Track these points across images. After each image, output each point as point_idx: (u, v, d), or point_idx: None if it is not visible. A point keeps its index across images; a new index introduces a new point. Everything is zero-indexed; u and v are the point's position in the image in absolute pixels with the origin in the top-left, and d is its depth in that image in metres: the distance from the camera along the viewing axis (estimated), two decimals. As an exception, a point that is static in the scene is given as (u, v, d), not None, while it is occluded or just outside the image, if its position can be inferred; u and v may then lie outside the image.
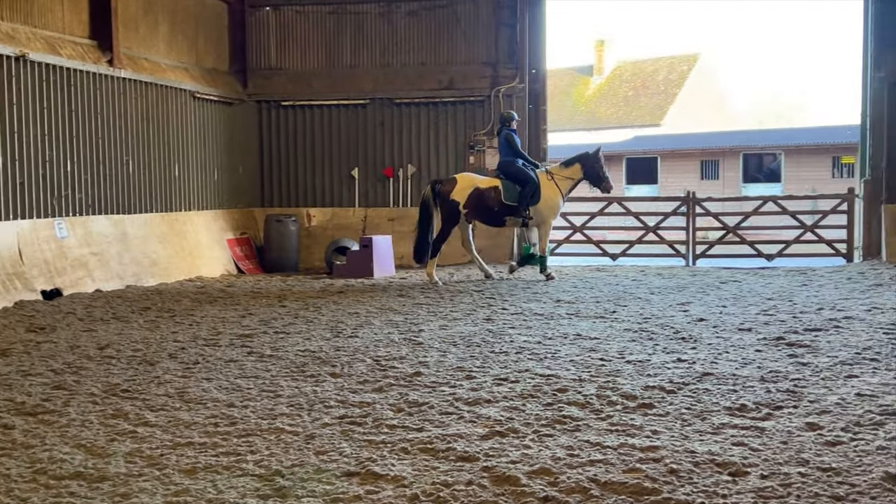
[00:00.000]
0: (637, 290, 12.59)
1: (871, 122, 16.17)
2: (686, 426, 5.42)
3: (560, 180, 14.23)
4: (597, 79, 54.41)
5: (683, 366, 7.14)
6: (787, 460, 4.74)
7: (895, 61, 15.84)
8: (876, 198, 16.06)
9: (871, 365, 7.11)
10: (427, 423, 5.52)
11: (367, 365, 7.38)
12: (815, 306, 10.53)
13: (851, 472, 4.53)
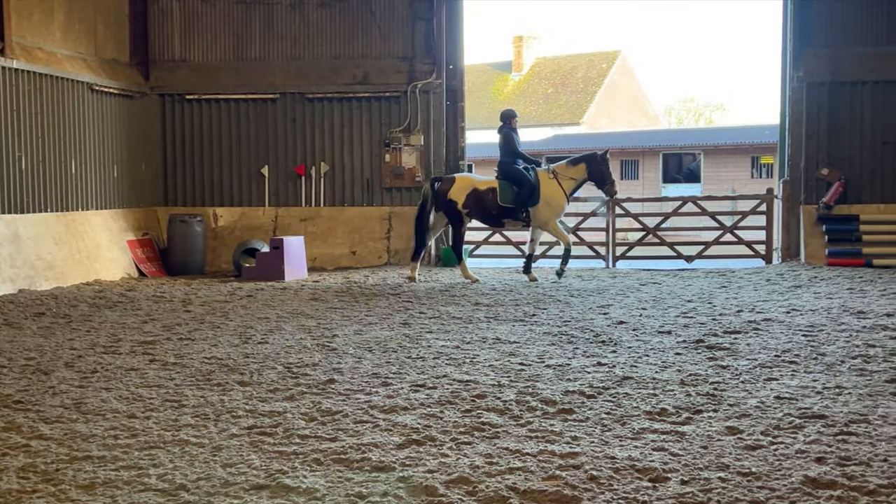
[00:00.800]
0: (557, 292, 12.74)
1: (790, 122, 16.66)
2: (606, 431, 5.50)
3: (564, 180, 14.30)
4: (515, 75, 54.89)
5: (603, 370, 7.25)
6: (708, 465, 4.85)
7: (814, 61, 16.36)
8: (794, 199, 16.55)
9: (790, 367, 7.32)
10: (341, 433, 5.49)
11: (277, 372, 7.30)
12: (734, 308, 10.81)
13: (771, 477, 4.65)
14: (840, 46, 16.30)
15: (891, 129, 16.19)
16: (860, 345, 8.25)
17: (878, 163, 16.28)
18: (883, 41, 16.22)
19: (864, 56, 16.21)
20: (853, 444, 5.18)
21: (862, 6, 16.23)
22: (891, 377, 6.86)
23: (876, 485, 4.49)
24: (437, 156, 17.44)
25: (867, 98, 16.27)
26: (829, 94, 16.33)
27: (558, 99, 52.56)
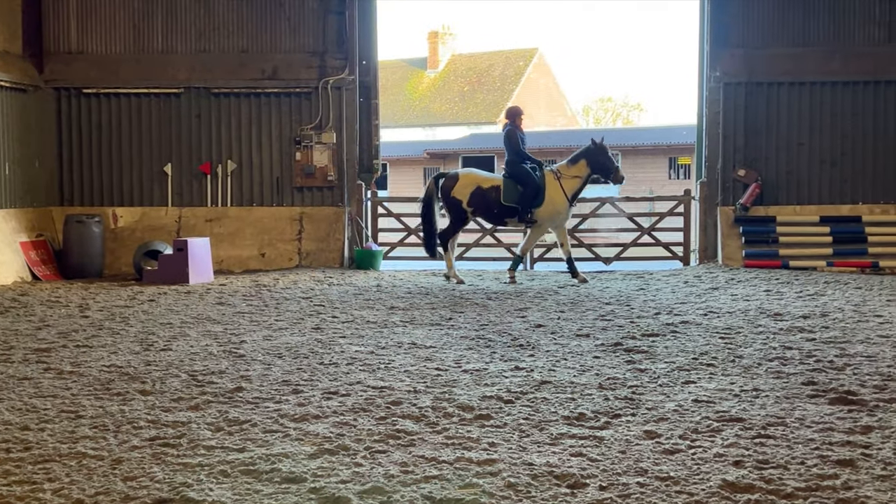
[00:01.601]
0: (474, 295, 12.81)
1: (706, 122, 17.05)
2: (524, 437, 5.54)
3: (567, 180, 14.30)
4: (431, 72, 55.02)
5: (521, 374, 7.30)
6: (626, 470, 4.92)
7: (731, 61, 16.77)
8: (712, 200, 16.94)
9: (707, 370, 7.48)
10: (249, 443, 5.42)
11: (181, 380, 7.17)
12: (652, 311, 11.01)
13: (690, 481, 4.74)
14: (756, 47, 16.75)
15: (806, 130, 16.69)
16: (777, 347, 8.48)
17: (793, 164, 16.76)
18: (798, 42, 16.71)
19: (780, 57, 16.69)
20: (771, 447, 5.31)
21: (777, 7, 16.70)
22: (807, 379, 7.06)
23: (793, 488, 4.62)
24: (350, 154, 17.37)
25: (783, 99, 16.75)
26: (746, 94, 16.75)
27: (475, 97, 52.84)
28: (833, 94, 16.67)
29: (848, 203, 16.60)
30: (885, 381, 7.00)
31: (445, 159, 43.15)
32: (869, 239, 16.16)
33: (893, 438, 5.44)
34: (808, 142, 16.73)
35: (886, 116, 16.51)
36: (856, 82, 16.53)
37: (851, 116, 16.61)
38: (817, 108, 16.73)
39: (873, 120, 16.54)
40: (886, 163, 16.51)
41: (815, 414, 6.03)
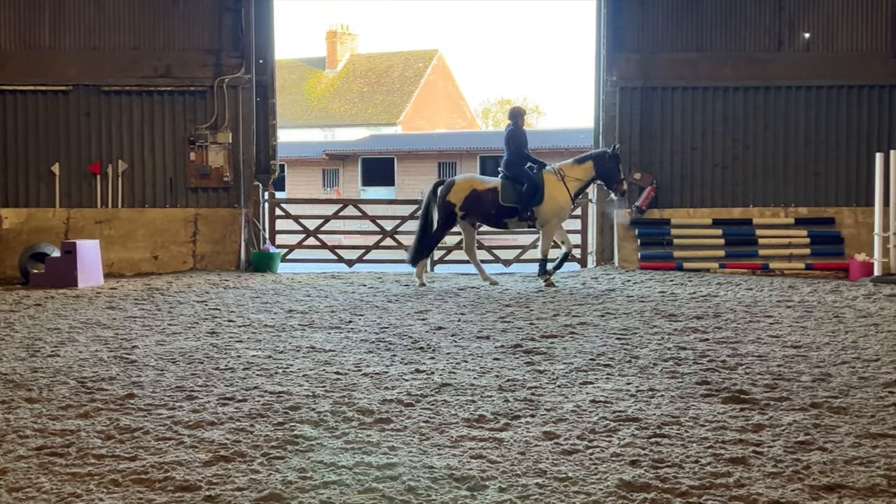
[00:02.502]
0: (374, 298, 12.78)
1: (603, 126, 17.37)
2: (424, 440, 5.55)
3: (569, 181, 14.17)
4: (329, 72, 54.74)
5: (422, 377, 7.31)
6: (525, 471, 4.97)
7: (627, 65, 17.12)
8: (608, 202, 17.24)
9: (605, 371, 7.62)
10: (141, 451, 5.31)
11: (70, 387, 6.97)
12: (551, 312, 11.15)
13: (588, 481, 4.82)
14: (652, 52, 17.14)
15: (699, 134, 17.14)
16: (672, 347, 8.69)
17: (687, 167, 17.20)
18: (692, 48, 17.16)
19: (675, 62, 17.11)
20: (666, 446, 5.44)
21: (672, 13, 17.13)
22: (701, 379, 7.25)
23: (688, 486, 4.73)
24: (246, 155, 17.15)
25: (677, 103, 17.18)
26: (642, 98, 17.13)
27: (374, 98, 52.77)
28: (725, 99, 17.16)
29: (739, 206, 17.11)
30: (776, 380, 7.23)
31: (345, 161, 42.96)
32: (759, 241, 16.68)
33: (784, 436, 5.63)
34: (701, 146, 17.19)
35: (776, 121, 17.06)
36: (747, 88, 17.05)
37: (743, 121, 17.13)
38: (710, 113, 17.20)
39: (764, 124, 17.09)
40: (776, 167, 17.06)
41: (708, 413, 6.20)
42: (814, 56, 17.06)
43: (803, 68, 16.99)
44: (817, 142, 17.00)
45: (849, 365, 7.84)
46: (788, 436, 5.63)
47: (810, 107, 17.08)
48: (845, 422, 5.96)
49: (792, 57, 17.06)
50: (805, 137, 17.04)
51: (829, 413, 6.21)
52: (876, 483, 4.77)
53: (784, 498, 4.58)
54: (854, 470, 4.97)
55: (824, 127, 17.02)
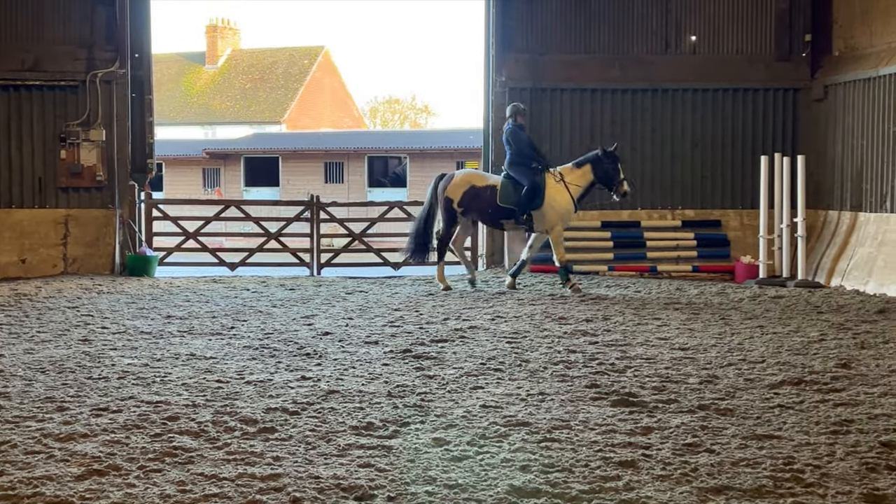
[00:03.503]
0: (258, 302, 12.63)
1: (493, 127, 17.51)
2: (311, 450, 5.51)
3: (570, 185, 13.83)
4: (210, 68, 53.88)
5: (308, 384, 7.26)
6: (415, 479, 4.98)
7: (516, 66, 17.31)
8: (499, 204, 17.40)
9: (495, 375, 7.69)
10: (8, 466, 5.13)
11: (-71, 400, 6.69)
12: (441, 316, 11.20)
13: (478, 488, 4.85)
14: (541, 53, 17.37)
15: (588, 135, 17.44)
16: (562, 351, 8.83)
17: (577, 169, 17.46)
18: (581, 49, 17.46)
19: (564, 63, 17.38)
20: (556, 450, 5.52)
21: (561, 15, 17.39)
22: (590, 382, 7.38)
23: (578, 490, 4.81)
24: (121, 153, 16.72)
25: (566, 104, 17.45)
26: (531, 99, 17.33)
27: (257, 95, 52.16)
28: (613, 100, 17.51)
29: (628, 209, 17.47)
30: (664, 382, 7.42)
31: (226, 160, 42.34)
32: (647, 244, 17.07)
33: (672, 438, 5.77)
34: (590, 147, 17.47)
35: (663, 123, 17.49)
36: (634, 90, 17.43)
37: (631, 123, 17.50)
38: (599, 115, 17.53)
39: (651, 127, 17.48)
40: (663, 169, 17.48)
41: (598, 416, 6.32)
42: (700, 59, 17.55)
43: (690, 71, 17.46)
44: (704, 144, 17.49)
45: (735, 367, 8.09)
46: (677, 438, 5.78)
47: (696, 109, 17.56)
48: (732, 423, 6.16)
49: (679, 59, 17.52)
50: (692, 140, 17.51)
51: (716, 415, 6.40)
52: (762, 484, 4.93)
53: (673, 500, 4.70)
54: (741, 471, 5.14)
55: (710, 129, 17.51)
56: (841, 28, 16.70)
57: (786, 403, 6.71)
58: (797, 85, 17.25)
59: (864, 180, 15.49)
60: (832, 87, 16.55)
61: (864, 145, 15.55)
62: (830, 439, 5.76)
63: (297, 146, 41.91)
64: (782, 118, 17.41)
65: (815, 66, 17.13)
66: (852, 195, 15.79)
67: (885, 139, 15.00)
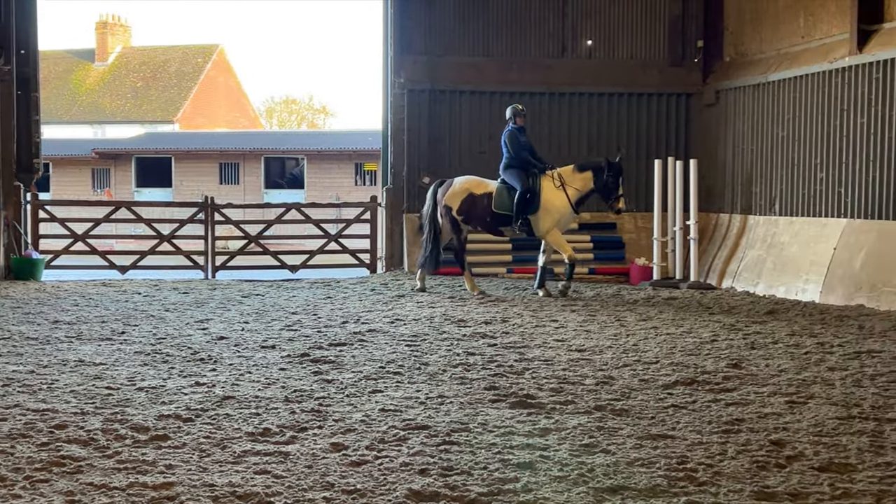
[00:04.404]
0: (150, 306, 12.38)
1: (392, 129, 17.53)
2: (205, 457, 5.43)
3: (568, 188, 13.41)
4: (99, 65, 52.62)
5: (202, 390, 7.15)
6: (312, 485, 4.95)
7: (414, 68, 17.35)
8: (398, 207, 17.43)
9: (394, 379, 7.69)
10: None
11: None
12: (339, 320, 11.15)
13: (376, 493, 4.85)
14: (439, 55, 17.45)
15: (486, 138, 17.57)
16: (461, 353, 8.87)
17: (475, 172, 17.50)
18: (479, 51, 17.60)
19: (462, 65, 17.49)
20: (455, 453, 5.55)
21: (459, 17, 17.50)
22: (489, 384, 7.44)
23: (477, 493, 4.84)
24: (5, 152, 16.20)
25: (465, 107, 17.56)
26: (430, 101, 17.40)
27: (149, 94, 51.14)
28: (511, 103, 17.62)
29: (526, 211, 17.64)
30: (561, 383, 7.52)
31: (117, 160, 41.42)
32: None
33: (569, 440, 5.86)
34: (489, 150, 17.60)
35: (560, 127, 17.73)
36: (532, 93, 17.63)
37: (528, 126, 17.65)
38: (497, 118, 17.64)
39: (548, 130, 17.71)
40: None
41: (496, 418, 6.37)
42: (596, 63, 17.85)
43: (586, 75, 17.75)
44: (599, 148, 17.72)
45: (630, 368, 8.25)
46: (574, 439, 5.87)
47: (592, 113, 17.85)
48: (627, 424, 6.27)
49: (575, 63, 17.79)
50: (588, 143, 17.78)
51: (612, 415, 6.51)
52: (657, 483, 5.04)
53: (570, 501, 4.77)
54: (636, 471, 5.24)
55: (606, 133, 17.81)
56: (732, 34, 17.20)
57: (679, 403, 6.86)
58: (690, 90, 17.68)
59: (753, 184, 15.97)
60: (723, 92, 17.02)
61: (753, 150, 16.04)
62: (722, 438, 5.92)
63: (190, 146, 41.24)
64: (675, 122, 17.83)
65: (706, 72, 17.60)
66: (742, 198, 16.26)
67: (773, 144, 15.49)
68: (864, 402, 6.91)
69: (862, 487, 4.98)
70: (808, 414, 6.54)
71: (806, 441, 5.84)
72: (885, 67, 13.01)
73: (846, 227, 13.47)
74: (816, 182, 14.44)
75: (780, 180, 15.25)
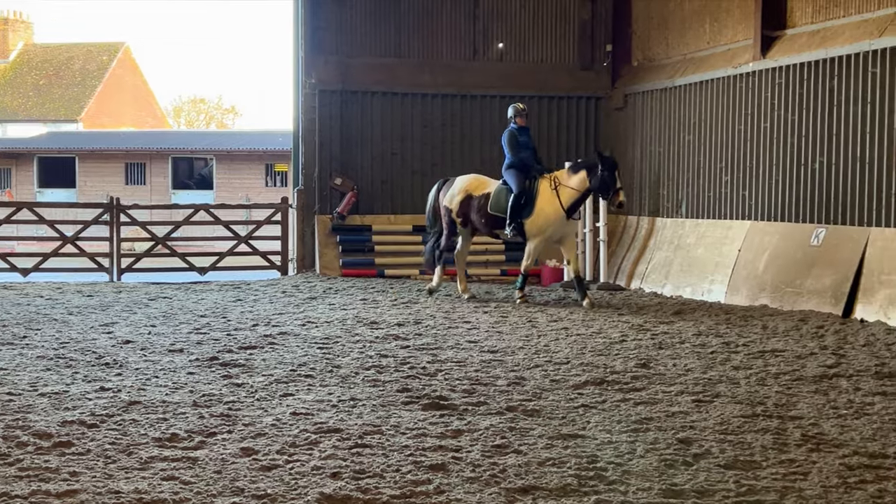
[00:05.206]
0: (53, 310, 12.08)
1: (303, 129, 17.40)
2: (110, 463, 5.33)
3: (563, 190, 12.79)
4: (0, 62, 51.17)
5: (107, 395, 7.01)
6: (222, 490, 4.88)
7: (325, 68, 17.24)
8: (309, 208, 17.32)
9: (306, 382, 7.64)
10: None
11: None
12: (249, 322, 11.03)
13: (287, 497, 4.81)
14: (351, 55, 17.38)
15: (399, 139, 17.58)
16: (374, 355, 8.85)
17: (388, 173, 17.59)
18: (391, 53, 17.59)
19: (374, 67, 17.45)
20: (367, 456, 5.53)
21: (371, 18, 17.46)
22: (402, 386, 7.44)
23: (389, 496, 4.84)
24: None
25: (377, 108, 17.53)
26: (342, 102, 17.33)
27: (52, 92, 49.90)
28: (424, 105, 17.71)
29: (439, 213, 17.71)
30: (474, 385, 7.55)
31: (18, 160, 40.32)
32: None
33: (481, 441, 5.88)
34: (401, 152, 17.63)
35: (472, 129, 17.82)
36: (444, 95, 17.69)
37: (441, 128, 17.75)
38: (409, 119, 17.69)
39: (461, 132, 17.79)
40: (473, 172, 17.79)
41: (409, 420, 6.37)
42: (507, 66, 17.99)
43: (497, 78, 17.86)
44: (511, 150, 17.91)
45: (541, 368, 8.33)
46: (486, 440, 5.90)
47: (504, 115, 17.88)
48: (539, 424, 6.33)
49: (487, 66, 17.90)
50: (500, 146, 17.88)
51: (523, 416, 6.56)
52: (567, 483, 5.09)
53: (482, 502, 4.79)
54: (547, 471, 5.29)
55: (518, 136, 17.96)
56: (639, 39, 17.49)
57: (589, 403, 6.95)
58: (599, 93, 17.94)
59: (661, 187, 16.27)
60: (631, 95, 17.30)
61: (661, 153, 16.34)
62: (631, 437, 6.01)
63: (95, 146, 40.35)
64: (585, 125, 18.07)
65: (615, 76, 17.88)
66: (650, 201, 16.56)
67: (680, 147, 15.81)
68: (768, 400, 7.09)
69: (766, 484, 5.10)
70: (714, 412, 6.68)
71: (712, 439, 5.97)
72: (787, 73, 13.38)
73: (750, 229, 13.80)
74: (722, 185, 14.78)
75: (687, 183, 15.57)
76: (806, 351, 9.18)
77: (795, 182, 13.21)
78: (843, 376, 7.95)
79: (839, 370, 8.20)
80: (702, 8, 15.67)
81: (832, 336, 10.03)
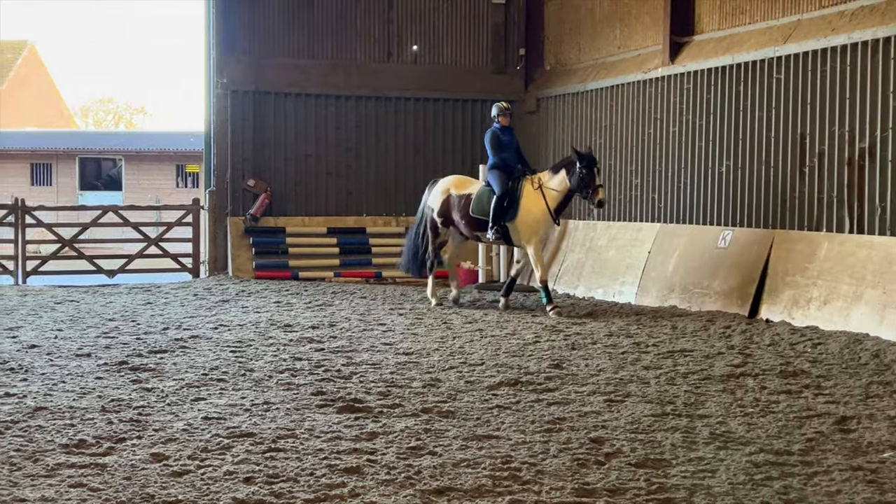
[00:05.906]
0: (-47, 315, 11.73)
1: (215, 130, 17.17)
2: (16, 471, 5.20)
3: (547, 191, 12.30)
4: None
5: (12, 401, 6.84)
6: (131, 497, 4.80)
7: (238, 69, 17.04)
8: (221, 210, 17.09)
9: (218, 386, 7.54)
10: None
11: None
12: (160, 326, 10.84)
13: (199, 503, 4.74)
14: (264, 56, 17.21)
15: (312, 141, 17.47)
16: (287, 358, 8.78)
17: (302, 175, 17.46)
18: (305, 54, 17.47)
19: (288, 67, 17.32)
20: (281, 460, 5.48)
21: (284, 18, 17.32)
22: (316, 389, 7.39)
23: (303, 500, 4.80)
24: None
25: (290, 110, 17.38)
26: (255, 103, 17.15)
27: (-47, 90, 48.43)
28: (338, 107, 17.63)
29: (353, 215, 17.65)
30: (389, 387, 7.54)
31: (-84, 161, 39.05)
32: (373, 250, 17.30)
33: (396, 443, 5.88)
34: (315, 153, 17.51)
35: (387, 131, 17.80)
36: (358, 97, 17.63)
37: (355, 130, 17.69)
38: (323, 121, 17.59)
39: (375, 134, 17.75)
40: (388, 176, 17.79)
41: (324, 424, 6.33)
42: (421, 69, 18.01)
43: (411, 80, 17.88)
44: (425, 152, 17.93)
45: (456, 370, 8.35)
46: (401, 442, 5.90)
47: (418, 118, 18.00)
48: (453, 425, 6.35)
49: (401, 69, 17.90)
50: (414, 147, 17.93)
51: (438, 417, 6.58)
52: (482, 483, 5.12)
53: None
54: (462, 472, 5.31)
55: (431, 138, 18.00)
56: (552, 43, 17.68)
57: (504, 404, 6.99)
58: (512, 97, 17.98)
59: (573, 189, 16.43)
60: (544, 99, 17.47)
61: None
62: (545, 437, 6.06)
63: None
64: (499, 129, 18.14)
65: (528, 80, 18.04)
66: (563, 203, 16.71)
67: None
68: (678, 399, 7.22)
69: (676, 482, 5.19)
70: (625, 412, 6.78)
71: (623, 438, 6.05)
72: (695, 78, 13.65)
73: (659, 231, 14.04)
74: (632, 188, 15.01)
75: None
76: (714, 351, 9.37)
77: (703, 185, 13.49)
78: (750, 375, 8.13)
79: (746, 369, 8.38)
80: (613, 14, 15.90)
81: (739, 336, 10.26)
